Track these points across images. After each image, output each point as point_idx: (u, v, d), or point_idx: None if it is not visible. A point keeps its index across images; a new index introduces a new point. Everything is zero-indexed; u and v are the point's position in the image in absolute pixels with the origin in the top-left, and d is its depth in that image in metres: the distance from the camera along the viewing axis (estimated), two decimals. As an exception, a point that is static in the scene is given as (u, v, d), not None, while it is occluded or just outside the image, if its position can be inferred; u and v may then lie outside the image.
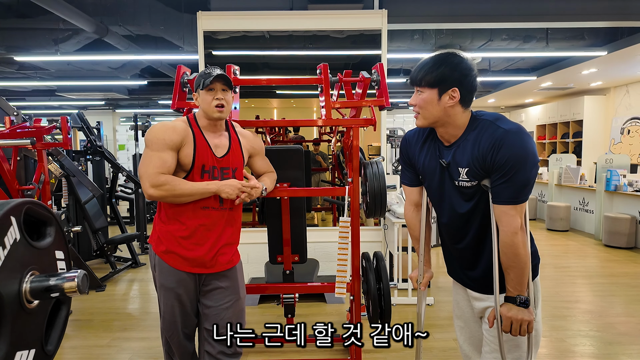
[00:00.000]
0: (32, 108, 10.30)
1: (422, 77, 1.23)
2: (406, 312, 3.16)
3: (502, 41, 4.83)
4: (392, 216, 3.36)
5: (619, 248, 5.07)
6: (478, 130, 1.22)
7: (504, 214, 1.19)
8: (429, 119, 1.26)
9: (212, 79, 1.58)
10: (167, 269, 1.63)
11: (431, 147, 1.34)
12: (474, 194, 1.27)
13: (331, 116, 2.13)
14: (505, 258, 1.21)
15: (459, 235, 1.35)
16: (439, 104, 1.22)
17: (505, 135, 1.16)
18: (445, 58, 1.21)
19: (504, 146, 1.15)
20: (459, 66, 1.20)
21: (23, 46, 4.80)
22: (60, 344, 0.86)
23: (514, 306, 1.22)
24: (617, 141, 7.35)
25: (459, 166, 1.25)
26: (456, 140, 1.26)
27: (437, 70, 1.20)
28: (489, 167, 1.19)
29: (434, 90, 1.22)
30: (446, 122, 1.25)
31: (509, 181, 1.16)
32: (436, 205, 1.40)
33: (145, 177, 1.53)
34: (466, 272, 1.39)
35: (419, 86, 1.25)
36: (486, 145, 1.18)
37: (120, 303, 3.55)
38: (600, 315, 3.13)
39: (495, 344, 1.31)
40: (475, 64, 1.23)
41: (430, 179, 1.36)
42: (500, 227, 1.20)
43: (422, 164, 1.38)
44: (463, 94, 1.21)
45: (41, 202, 0.83)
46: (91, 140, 4.78)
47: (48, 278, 0.77)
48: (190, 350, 1.76)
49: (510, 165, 1.15)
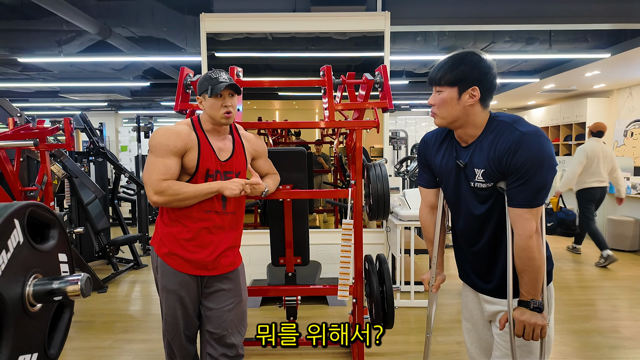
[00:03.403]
0: (36, 109, 10.34)
1: (442, 76, 1.22)
2: (408, 315, 3.15)
3: (505, 43, 4.82)
4: (395, 219, 3.36)
5: (622, 251, 5.04)
6: (495, 132, 1.21)
7: (519, 217, 1.18)
8: (447, 118, 1.24)
9: (223, 88, 1.57)
10: (169, 271, 1.63)
11: (448, 148, 1.33)
12: (489, 196, 1.25)
13: (334, 118, 2.12)
14: (519, 262, 1.20)
15: (475, 238, 1.33)
16: (459, 103, 1.21)
17: (523, 138, 1.14)
18: (465, 57, 1.20)
19: (521, 149, 1.14)
20: (478, 65, 1.19)
21: (26, 48, 4.82)
22: (62, 347, 0.85)
23: (527, 310, 1.21)
24: (621, 143, 7.32)
25: (475, 167, 1.23)
26: (474, 141, 1.25)
27: (456, 69, 1.19)
28: (505, 170, 1.18)
29: (453, 89, 1.20)
30: (465, 122, 1.23)
31: (525, 184, 1.15)
32: (452, 207, 1.39)
33: (149, 184, 1.53)
34: (480, 276, 1.37)
35: (438, 85, 1.23)
36: (503, 147, 1.17)
37: (122, 304, 3.55)
38: (604, 318, 3.11)
39: (507, 349, 1.29)
40: (495, 64, 1.22)
41: (447, 180, 1.35)
42: (515, 231, 1.19)
43: (438, 165, 1.37)
44: (483, 92, 1.20)
45: (45, 205, 0.83)
46: (94, 141, 4.79)
47: (51, 281, 0.77)
48: (192, 352, 1.76)
49: (527, 168, 1.14)
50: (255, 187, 1.65)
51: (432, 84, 1.26)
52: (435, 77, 1.24)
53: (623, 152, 7.19)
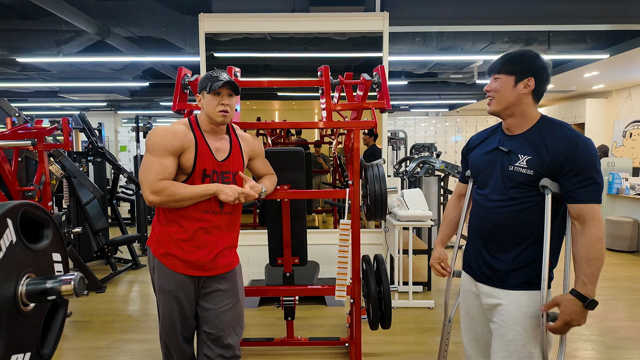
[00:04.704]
0: (35, 109, 10.33)
1: (501, 65, 1.33)
2: (407, 316, 3.15)
3: (503, 44, 4.82)
4: (394, 219, 3.35)
5: (621, 252, 5.04)
6: (550, 128, 1.29)
7: (593, 210, 1.24)
8: (502, 103, 1.33)
9: (221, 85, 1.58)
10: (166, 271, 1.62)
11: (491, 139, 1.43)
12: (521, 184, 1.30)
13: (332, 118, 2.12)
14: (592, 250, 1.24)
15: (495, 216, 1.37)
16: (514, 90, 1.30)
17: (580, 139, 1.25)
18: (525, 52, 1.32)
19: (580, 148, 1.23)
20: (536, 59, 1.30)
21: (25, 47, 4.81)
22: (56, 347, 0.85)
23: (582, 306, 1.24)
24: (619, 144, 7.33)
25: (520, 153, 1.31)
26: (522, 132, 1.33)
27: (516, 60, 1.31)
28: (562, 164, 1.24)
29: (511, 77, 1.31)
30: (516, 112, 1.32)
31: (592, 182, 1.23)
32: (480, 183, 1.45)
33: (146, 184, 1.53)
34: (492, 256, 1.38)
35: (497, 73, 1.34)
36: (560, 142, 1.24)
37: (120, 305, 3.55)
38: (602, 319, 3.11)
39: (506, 352, 1.31)
40: (551, 64, 1.33)
41: (481, 162, 1.43)
42: (592, 223, 1.24)
43: (475, 153, 1.47)
44: (537, 85, 1.29)
45: (38, 204, 0.82)
46: (92, 141, 4.78)
47: (44, 281, 0.77)
48: (189, 353, 1.75)
49: (590, 167, 1.23)
50: (250, 192, 1.65)
51: (491, 72, 1.37)
52: (495, 66, 1.36)
53: (622, 152, 7.20)
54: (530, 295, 1.32)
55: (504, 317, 1.33)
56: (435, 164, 4.95)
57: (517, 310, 1.32)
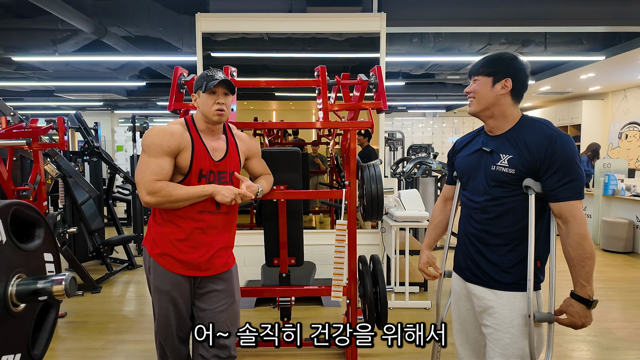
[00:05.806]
0: (30, 108, 10.27)
1: (480, 67, 1.37)
2: (403, 316, 3.14)
3: (500, 45, 4.83)
4: (390, 219, 3.35)
5: (616, 253, 5.06)
6: (530, 127, 1.31)
7: (574, 208, 1.25)
8: (482, 104, 1.36)
9: (217, 83, 1.57)
10: (161, 271, 1.61)
11: (475, 140, 1.46)
12: (504, 183, 1.32)
13: (329, 119, 2.12)
14: (581, 251, 1.25)
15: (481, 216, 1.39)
16: (492, 91, 1.33)
17: (559, 136, 1.26)
18: (502, 54, 1.36)
19: (558, 145, 1.24)
20: (513, 61, 1.34)
21: (21, 46, 4.78)
22: (47, 348, 0.84)
23: (587, 309, 1.25)
24: (615, 146, 7.36)
25: (501, 153, 1.33)
26: (503, 133, 1.35)
27: (493, 62, 1.35)
28: (541, 162, 1.25)
29: (489, 79, 1.34)
30: (496, 112, 1.35)
31: (572, 179, 1.25)
32: (465, 184, 1.47)
33: (142, 184, 1.52)
34: (481, 255, 1.38)
35: (476, 75, 1.38)
36: (539, 140, 1.26)
37: (115, 305, 3.53)
38: (598, 320, 3.12)
39: (503, 355, 1.31)
40: (529, 65, 1.36)
41: (466, 164, 1.45)
42: (574, 222, 1.25)
43: (460, 155, 1.50)
44: (515, 85, 1.32)
45: (30, 204, 0.81)
46: (88, 141, 4.76)
47: (35, 281, 0.76)
48: (184, 353, 1.75)
49: (569, 163, 1.24)
50: (246, 192, 1.64)
51: (471, 75, 1.41)
52: (474, 68, 1.40)
53: (617, 154, 7.23)
54: (523, 296, 1.32)
55: (498, 320, 1.32)
56: (432, 164, 4.96)
57: (512, 313, 1.31)
